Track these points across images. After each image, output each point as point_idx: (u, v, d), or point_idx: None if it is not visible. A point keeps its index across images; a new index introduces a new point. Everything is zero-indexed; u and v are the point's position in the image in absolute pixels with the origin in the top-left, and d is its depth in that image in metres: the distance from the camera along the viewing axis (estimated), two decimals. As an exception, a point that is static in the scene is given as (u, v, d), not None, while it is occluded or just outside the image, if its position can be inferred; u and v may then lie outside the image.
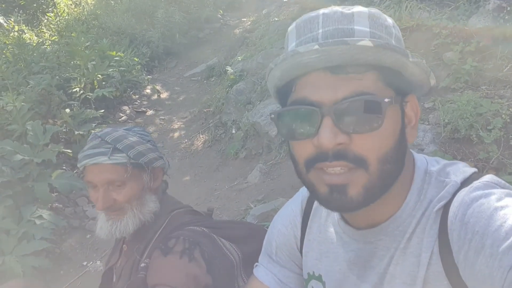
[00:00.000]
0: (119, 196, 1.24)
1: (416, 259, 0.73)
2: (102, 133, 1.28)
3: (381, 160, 0.67)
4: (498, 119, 2.32)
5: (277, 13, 7.33)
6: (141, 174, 1.28)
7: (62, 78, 5.39)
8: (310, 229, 0.94)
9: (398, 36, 0.73)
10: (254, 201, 3.23)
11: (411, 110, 0.74)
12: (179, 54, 8.00)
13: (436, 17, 3.77)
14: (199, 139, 5.10)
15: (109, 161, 1.21)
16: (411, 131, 0.74)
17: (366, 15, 0.69)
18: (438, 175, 0.76)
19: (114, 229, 1.24)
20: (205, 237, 1.22)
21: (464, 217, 0.66)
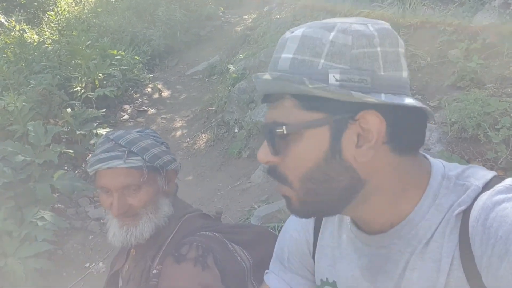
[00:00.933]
0: (135, 200, 1.20)
1: (436, 265, 0.71)
2: (115, 136, 1.24)
3: (302, 180, 0.71)
4: (507, 118, 2.28)
5: (278, 10, 7.28)
6: (156, 178, 1.24)
7: (63, 77, 5.37)
8: (323, 234, 0.92)
9: (338, 51, 0.68)
10: (258, 201, 3.21)
11: (369, 127, 0.69)
12: (180, 52, 7.97)
13: (440, 14, 3.73)
14: (201, 138, 5.07)
15: (124, 164, 1.17)
16: (365, 151, 0.69)
17: (298, 39, 0.70)
18: (457, 179, 0.74)
19: (129, 236, 1.20)
20: (218, 243, 1.19)
21: (486, 221, 0.64)
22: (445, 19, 3.63)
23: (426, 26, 3.81)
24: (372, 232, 0.79)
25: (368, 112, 0.68)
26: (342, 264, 0.87)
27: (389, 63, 0.69)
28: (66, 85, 5.31)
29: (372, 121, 0.68)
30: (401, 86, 0.70)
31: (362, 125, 0.69)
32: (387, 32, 0.70)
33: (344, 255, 0.86)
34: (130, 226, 1.20)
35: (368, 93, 0.67)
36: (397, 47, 0.70)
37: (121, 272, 1.37)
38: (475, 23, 3.35)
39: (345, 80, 0.67)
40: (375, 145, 0.69)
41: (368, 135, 0.69)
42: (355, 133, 0.69)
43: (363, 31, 0.68)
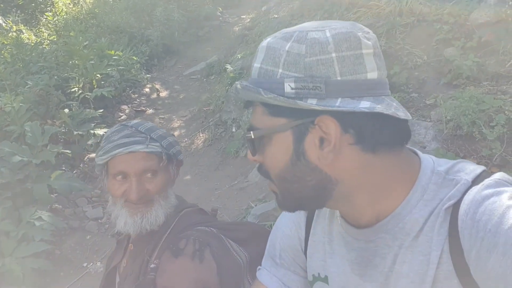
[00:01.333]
0: (151, 185, 1.22)
1: (425, 258, 0.72)
2: (133, 123, 1.28)
3: (278, 178, 0.78)
4: (501, 116, 2.28)
5: (276, 9, 7.28)
6: (168, 166, 1.27)
7: (61, 78, 5.37)
8: (315, 229, 0.93)
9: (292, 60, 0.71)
10: (255, 200, 3.21)
11: (326, 131, 0.71)
12: (178, 52, 7.97)
13: (437, 13, 3.73)
14: (199, 137, 5.07)
15: (146, 149, 1.20)
16: (326, 154, 0.72)
17: (264, 49, 0.75)
18: (447, 174, 0.75)
19: (144, 222, 1.21)
20: (215, 238, 1.20)
21: (475, 215, 0.65)
22: (442, 17, 3.63)
23: (423, 24, 3.82)
24: (360, 226, 0.81)
25: (324, 117, 0.71)
26: (333, 259, 0.88)
27: (347, 67, 0.70)
28: (63, 86, 5.31)
29: (329, 126, 0.71)
30: (363, 88, 0.71)
31: (323, 129, 0.71)
32: (345, 36, 0.71)
33: (335, 250, 0.87)
34: (144, 212, 1.21)
35: (323, 99, 0.70)
36: (359, 49, 0.71)
37: (118, 269, 1.38)
38: (471, 21, 3.35)
39: (300, 88, 0.71)
40: (335, 148, 0.71)
41: (329, 138, 0.71)
42: (317, 136, 0.72)
43: (318, 38, 0.70)
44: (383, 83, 0.74)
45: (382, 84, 0.74)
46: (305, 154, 0.74)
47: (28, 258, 2.94)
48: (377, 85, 0.73)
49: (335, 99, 0.70)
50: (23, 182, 3.45)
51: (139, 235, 1.26)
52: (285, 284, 0.98)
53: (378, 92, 0.73)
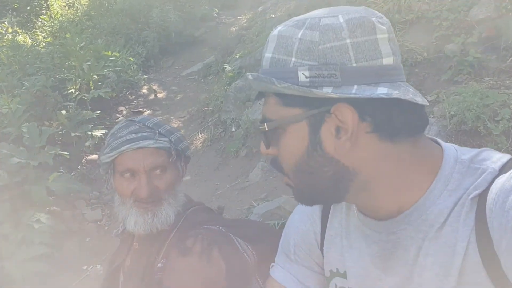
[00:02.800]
0: (161, 182, 1.18)
1: (450, 249, 0.69)
2: (140, 119, 1.25)
3: (293, 171, 0.76)
4: (506, 110, 2.27)
5: (273, 10, 7.27)
6: (177, 162, 1.24)
7: (57, 79, 5.33)
8: (331, 224, 0.90)
9: (305, 48, 0.69)
10: (257, 199, 3.18)
11: (343, 120, 0.69)
12: (175, 53, 7.94)
13: (436, 9, 3.73)
14: (198, 138, 5.04)
15: (155, 144, 1.16)
16: (343, 143, 0.70)
17: (275, 38, 0.74)
18: (471, 163, 0.72)
19: (155, 221, 1.18)
20: (223, 236, 1.17)
21: (505, 204, 0.63)
22: (441, 14, 3.63)
23: (422, 21, 3.81)
24: (379, 218, 0.78)
25: (341, 105, 0.69)
26: (350, 253, 0.85)
27: (362, 53, 0.68)
28: (60, 87, 5.27)
29: (346, 114, 0.69)
30: (380, 74, 0.69)
31: (340, 117, 0.69)
32: (359, 22, 0.69)
33: (352, 244, 0.85)
34: (154, 211, 1.18)
35: (339, 87, 0.68)
36: (373, 34, 0.69)
37: (122, 267, 1.34)
38: (470, 17, 3.35)
39: (314, 76, 0.69)
40: (352, 136, 0.70)
41: (346, 127, 0.69)
42: (334, 125, 0.70)
43: (331, 24, 0.68)
44: (398, 68, 0.72)
45: (398, 70, 0.72)
46: (321, 144, 0.72)
47: (27, 261, 2.90)
48: (393, 70, 0.71)
49: (351, 87, 0.68)
50: (21, 184, 3.42)
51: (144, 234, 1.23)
52: (300, 281, 0.95)
53: (395, 78, 0.71)
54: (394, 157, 0.72)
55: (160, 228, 1.19)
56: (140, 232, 1.19)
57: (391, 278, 0.77)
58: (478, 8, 3.31)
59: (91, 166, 4.79)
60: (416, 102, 0.69)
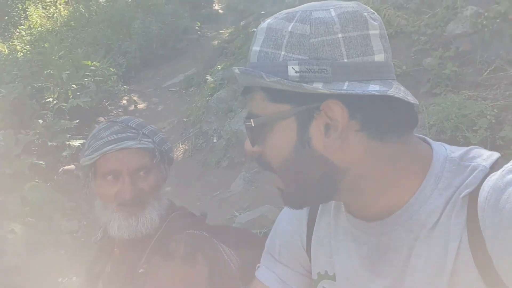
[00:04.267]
0: (145, 184, 1.14)
1: (442, 250, 0.68)
2: (122, 119, 1.21)
3: (281, 169, 0.73)
4: (484, 120, 2.33)
5: (255, 24, 7.35)
6: (161, 163, 1.20)
7: (35, 87, 5.22)
8: (319, 225, 0.88)
9: (296, 42, 0.67)
10: (239, 209, 3.16)
11: (332, 117, 0.68)
12: (156, 65, 7.91)
13: (414, 24, 3.84)
14: (179, 149, 5.00)
15: (139, 145, 1.13)
16: (333, 140, 0.68)
17: (264, 31, 0.70)
18: (461, 161, 0.71)
19: (140, 225, 1.13)
20: (206, 241, 1.14)
21: (498, 202, 0.61)
22: (419, 29, 3.73)
23: (401, 36, 3.91)
24: (369, 219, 0.76)
25: (330, 102, 0.67)
26: (339, 255, 0.83)
27: (354, 49, 0.66)
28: (38, 96, 5.17)
29: (336, 111, 0.67)
30: (371, 71, 0.67)
31: (329, 114, 0.67)
32: (351, 16, 0.67)
33: (341, 246, 0.83)
34: (139, 215, 1.14)
35: (330, 83, 0.66)
36: (366, 30, 0.67)
37: (101, 275, 1.29)
38: (448, 32, 3.46)
39: (305, 71, 0.66)
40: (342, 134, 0.68)
41: (336, 124, 0.67)
42: (323, 123, 0.68)
43: (323, 18, 0.66)
44: (389, 66, 0.71)
45: (389, 67, 0.71)
46: (310, 142, 0.69)
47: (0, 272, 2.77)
48: (384, 67, 0.69)
49: (342, 83, 0.66)
50: (-6, 193, 3.29)
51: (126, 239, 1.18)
52: (284, 281, 0.92)
53: (386, 75, 0.69)
54: (384, 156, 0.71)
55: (145, 232, 1.15)
56: (124, 237, 1.15)
57: (382, 280, 0.76)
58: (454, 24, 3.42)
59: (68, 176, 4.67)
60: (408, 101, 0.68)
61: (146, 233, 1.15)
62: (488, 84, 2.91)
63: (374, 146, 0.70)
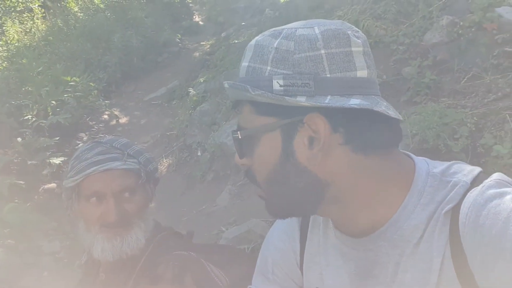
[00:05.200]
0: (131, 206, 1.13)
1: (427, 265, 0.69)
2: (107, 140, 1.21)
3: (266, 181, 0.76)
4: (464, 128, 2.37)
5: (236, 35, 7.38)
6: (146, 184, 1.20)
7: (13, 105, 5.12)
8: (311, 241, 0.88)
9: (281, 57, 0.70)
10: (225, 224, 3.13)
11: (315, 130, 0.69)
12: (137, 78, 7.85)
13: (393, 34, 3.90)
14: (163, 163, 4.94)
15: (124, 166, 1.12)
16: (315, 154, 0.70)
17: (252, 47, 0.75)
18: (443, 176, 0.72)
19: (125, 246, 1.12)
20: (195, 262, 1.13)
21: (478, 219, 0.63)
22: (397, 39, 3.80)
23: (380, 46, 3.97)
24: (357, 235, 0.77)
25: (313, 115, 0.69)
26: (328, 271, 0.83)
27: (336, 64, 0.69)
28: (16, 113, 5.07)
29: (318, 124, 0.69)
30: (353, 86, 0.70)
31: (312, 127, 0.69)
32: (334, 33, 0.70)
33: (330, 262, 0.83)
34: (124, 235, 1.12)
35: (312, 96, 0.68)
36: (348, 47, 0.70)
37: None
38: (425, 41, 3.52)
39: (289, 85, 0.69)
40: (324, 147, 0.69)
41: (318, 137, 0.69)
42: (306, 136, 0.70)
43: (307, 35, 0.69)
44: (372, 82, 0.73)
45: (372, 83, 0.73)
46: (294, 155, 0.71)
47: (-23, 300, 2.67)
48: (366, 83, 0.71)
49: (325, 97, 0.68)
50: (-29, 216, 3.19)
51: (111, 263, 1.17)
52: None
53: (368, 91, 0.71)
54: (367, 170, 0.72)
55: (130, 253, 1.13)
56: (108, 259, 1.13)
57: None
58: (431, 33, 3.49)
59: (49, 195, 4.57)
60: (388, 115, 0.69)
61: (131, 253, 1.13)
62: (466, 91, 2.97)
63: (358, 159, 0.71)
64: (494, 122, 2.39)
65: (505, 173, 0.72)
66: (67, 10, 9.84)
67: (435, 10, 3.65)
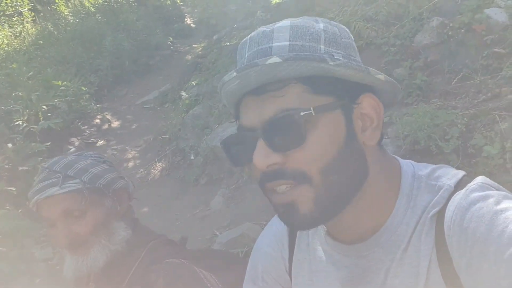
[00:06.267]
0: (81, 227, 1.12)
1: (414, 270, 0.69)
2: (49, 163, 1.19)
3: (324, 172, 0.65)
4: (455, 129, 2.39)
5: (228, 37, 7.37)
6: (101, 200, 1.17)
7: (3, 110, 5.06)
8: (299, 247, 0.87)
9: (333, 38, 0.70)
10: (219, 227, 3.12)
11: (370, 110, 0.70)
12: (129, 82, 7.82)
13: (384, 36, 3.92)
14: (156, 167, 4.92)
15: (61, 190, 1.11)
16: (371, 133, 0.70)
17: (287, 28, 0.69)
18: (428, 179, 0.73)
19: (80, 264, 1.12)
20: (186, 269, 1.12)
21: (462, 222, 0.63)
22: (388, 40, 3.81)
23: (371, 47, 3.99)
24: (350, 242, 0.76)
25: (367, 96, 0.70)
26: (318, 277, 0.83)
27: (357, 54, 0.74)
28: (6, 119, 5.01)
29: (371, 104, 0.70)
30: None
31: (362, 110, 0.69)
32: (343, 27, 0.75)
33: (320, 269, 0.82)
34: (81, 255, 1.13)
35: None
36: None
37: None
38: (416, 43, 3.54)
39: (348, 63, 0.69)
40: (377, 128, 0.70)
41: (372, 117, 0.70)
42: (358, 116, 0.69)
43: (339, 24, 0.73)
44: None
45: None
46: (355, 137, 0.68)
47: (-32, 309, 2.63)
48: None
49: None
50: (-39, 224, 3.15)
51: (103, 271, 1.17)
52: None
53: None
54: (381, 165, 0.72)
55: (86, 271, 1.15)
56: (68, 277, 1.16)
57: None
58: (422, 35, 3.51)
59: (41, 201, 4.52)
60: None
61: (88, 272, 1.15)
62: (457, 92, 2.99)
63: (379, 150, 0.72)
64: (484, 122, 2.40)
65: (496, 174, 0.72)
66: (57, 13, 9.81)
67: (425, 12, 3.67)
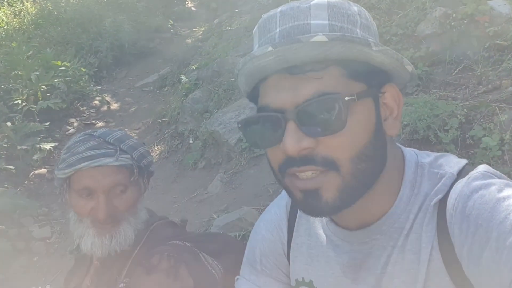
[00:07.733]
0: (121, 202, 1.11)
1: (416, 256, 0.70)
2: (100, 133, 1.16)
3: (354, 160, 0.65)
4: (454, 119, 2.40)
5: (229, 22, 7.31)
6: (139, 179, 1.17)
7: (2, 89, 5.04)
8: (298, 232, 0.89)
9: (366, 23, 0.70)
10: (217, 211, 3.14)
11: (391, 100, 0.71)
12: (129, 64, 7.76)
13: (386, 25, 3.90)
14: (155, 150, 4.92)
15: (116, 162, 1.09)
16: (393, 123, 0.71)
17: (325, 7, 0.67)
18: (431, 167, 0.74)
19: (113, 244, 1.11)
20: (189, 252, 1.13)
21: (465, 209, 0.64)
22: (390, 29, 3.80)
23: (373, 36, 3.98)
24: (353, 228, 0.77)
25: (390, 85, 0.71)
26: (319, 262, 0.84)
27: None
28: (5, 98, 4.99)
29: (392, 95, 0.71)
30: None
31: (384, 99, 0.70)
32: None
33: (321, 253, 0.83)
34: (112, 233, 1.11)
35: None
36: None
37: None
38: (418, 33, 3.53)
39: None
40: (398, 117, 0.71)
41: (392, 107, 0.71)
42: (381, 105, 0.70)
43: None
44: None
45: None
46: (382, 126, 0.69)
47: (-33, 284, 2.67)
48: None
49: None
50: (-40, 201, 3.16)
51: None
52: None
53: None
54: (391, 152, 0.73)
55: (119, 250, 1.13)
56: (97, 255, 1.13)
57: (361, 287, 0.77)
58: (424, 24, 3.50)
59: (39, 180, 4.54)
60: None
61: (120, 250, 1.13)
62: (457, 83, 2.99)
63: (390, 139, 0.73)
64: (484, 114, 2.42)
65: (494, 165, 0.74)
66: (57, -7, 9.65)
67: (428, 1, 3.65)
